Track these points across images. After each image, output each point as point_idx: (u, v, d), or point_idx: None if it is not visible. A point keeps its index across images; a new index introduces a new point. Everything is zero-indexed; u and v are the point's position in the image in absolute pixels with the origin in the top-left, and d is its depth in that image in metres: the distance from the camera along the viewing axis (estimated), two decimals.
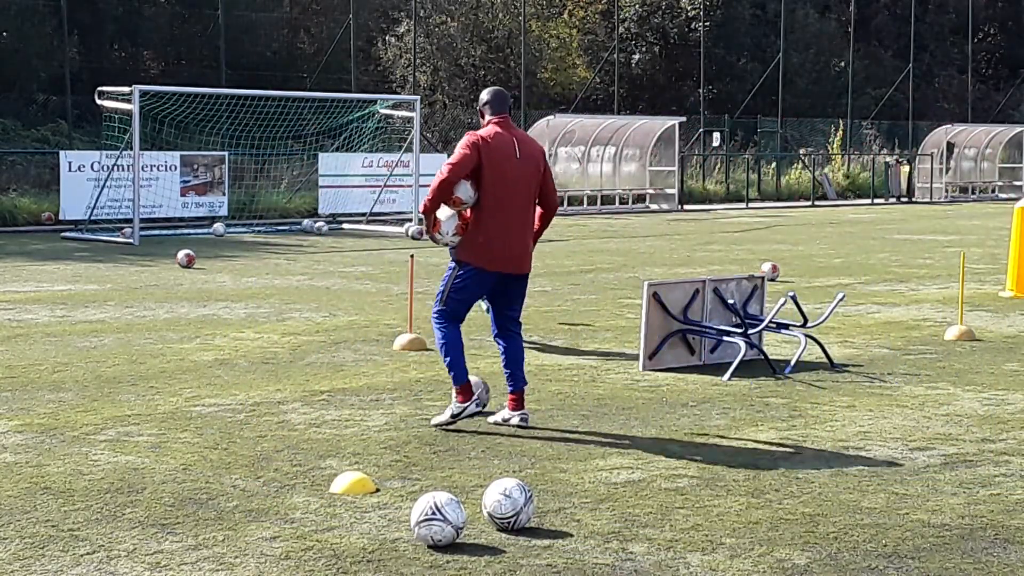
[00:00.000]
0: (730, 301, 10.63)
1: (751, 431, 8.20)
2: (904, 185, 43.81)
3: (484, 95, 8.27)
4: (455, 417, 8.09)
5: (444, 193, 7.89)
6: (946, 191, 45.81)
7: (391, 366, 10.50)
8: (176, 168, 28.04)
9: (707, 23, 49.09)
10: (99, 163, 26.64)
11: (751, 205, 39.94)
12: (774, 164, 45.27)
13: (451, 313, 8.15)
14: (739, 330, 10.43)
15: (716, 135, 44.07)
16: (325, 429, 8.15)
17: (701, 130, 44.57)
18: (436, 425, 8.16)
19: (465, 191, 7.95)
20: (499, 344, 8.31)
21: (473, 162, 7.92)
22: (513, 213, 8.09)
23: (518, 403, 8.22)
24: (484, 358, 10.93)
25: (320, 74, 40.46)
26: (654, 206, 38.13)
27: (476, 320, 13.20)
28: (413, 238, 25.22)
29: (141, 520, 6.17)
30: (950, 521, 6.27)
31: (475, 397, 8.12)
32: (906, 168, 43.98)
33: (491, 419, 8.28)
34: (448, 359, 8.07)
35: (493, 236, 8.02)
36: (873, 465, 7.33)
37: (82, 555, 5.68)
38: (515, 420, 8.21)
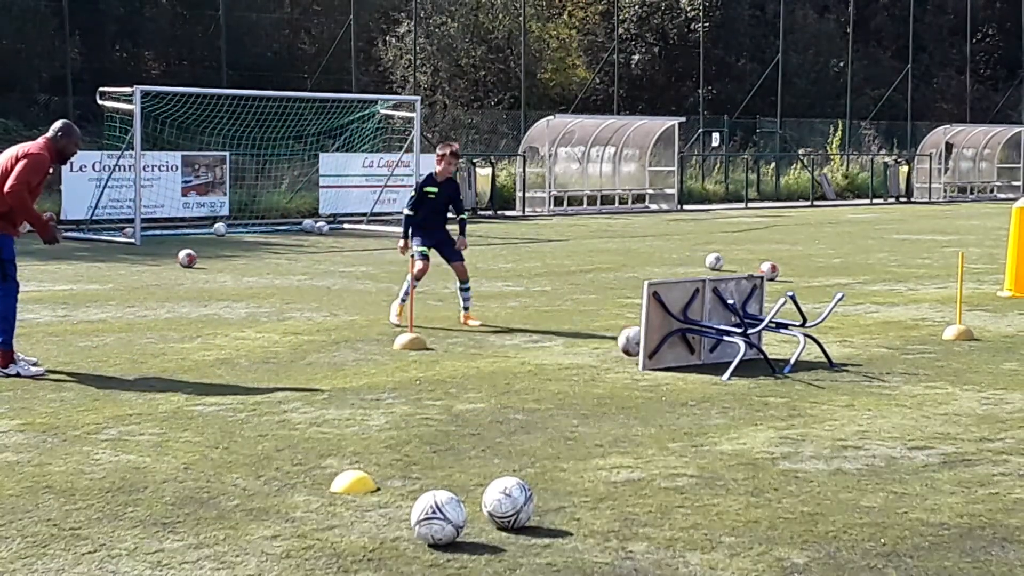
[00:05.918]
0: (730, 301, 10.65)
1: (751, 431, 8.22)
2: (903, 185, 43.83)
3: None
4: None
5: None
6: (945, 191, 45.83)
7: (391, 366, 10.52)
8: (177, 168, 28.04)
9: (706, 23, 49.12)
10: (100, 163, 26.64)
11: (750, 205, 39.95)
12: (773, 164, 45.28)
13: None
14: (739, 330, 10.45)
15: (715, 135, 44.08)
16: (326, 428, 8.18)
17: (700, 130, 44.59)
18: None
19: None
20: None
21: None
22: None
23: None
24: (484, 357, 10.96)
25: (321, 75, 40.48)
26: (654, 206, 38.14)
27: (472, 316, 13.21)
28: None
29: (142, 519, 6.20)
30: (948, 520, 6.29)
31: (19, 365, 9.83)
32: (905, 168, 44.00)
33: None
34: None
35: None
36: (872, 464, 7.36)
37: (83, 554, 5.70)
38: None
